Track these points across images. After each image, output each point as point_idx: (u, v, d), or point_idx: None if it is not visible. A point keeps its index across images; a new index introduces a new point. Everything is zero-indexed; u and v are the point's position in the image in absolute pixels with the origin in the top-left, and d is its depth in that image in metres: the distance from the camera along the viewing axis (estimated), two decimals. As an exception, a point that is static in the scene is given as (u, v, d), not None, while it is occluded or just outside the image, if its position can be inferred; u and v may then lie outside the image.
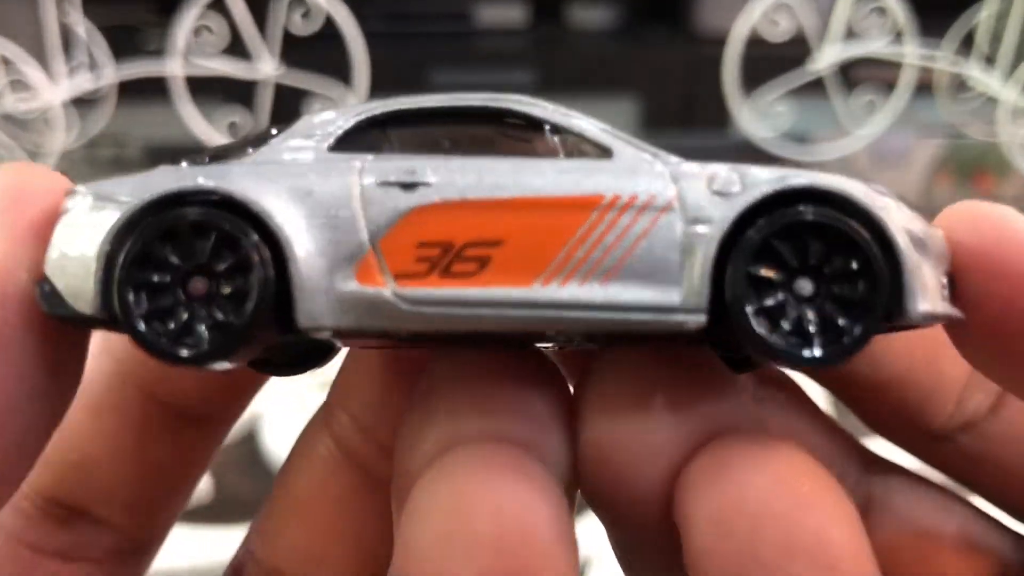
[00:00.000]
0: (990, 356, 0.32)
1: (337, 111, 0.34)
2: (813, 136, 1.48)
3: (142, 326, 0.30)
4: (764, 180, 0.30)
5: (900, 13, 1.36)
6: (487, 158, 0.32)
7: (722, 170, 0.31)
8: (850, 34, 1.38)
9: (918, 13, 1.37)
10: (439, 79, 1.73)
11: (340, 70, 1.31)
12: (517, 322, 0.30)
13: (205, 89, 1.32)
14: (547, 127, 0.33)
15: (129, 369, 0.38)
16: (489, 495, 0.28)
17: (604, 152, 0.33)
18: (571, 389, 0.34)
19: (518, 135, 0.34)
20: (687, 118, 1.78)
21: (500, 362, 0.33)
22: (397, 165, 0.31)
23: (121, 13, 1.50)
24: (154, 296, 0.30)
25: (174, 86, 1.31)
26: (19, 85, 1.31)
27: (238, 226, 0.30)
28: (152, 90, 1.30)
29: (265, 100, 1.33)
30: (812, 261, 0.30)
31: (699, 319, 0.30)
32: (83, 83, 1.34)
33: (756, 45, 1.36)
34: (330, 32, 1.29)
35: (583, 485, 0.33)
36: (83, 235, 0.31)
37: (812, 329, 0.30)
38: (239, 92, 1.33)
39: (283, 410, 1.12)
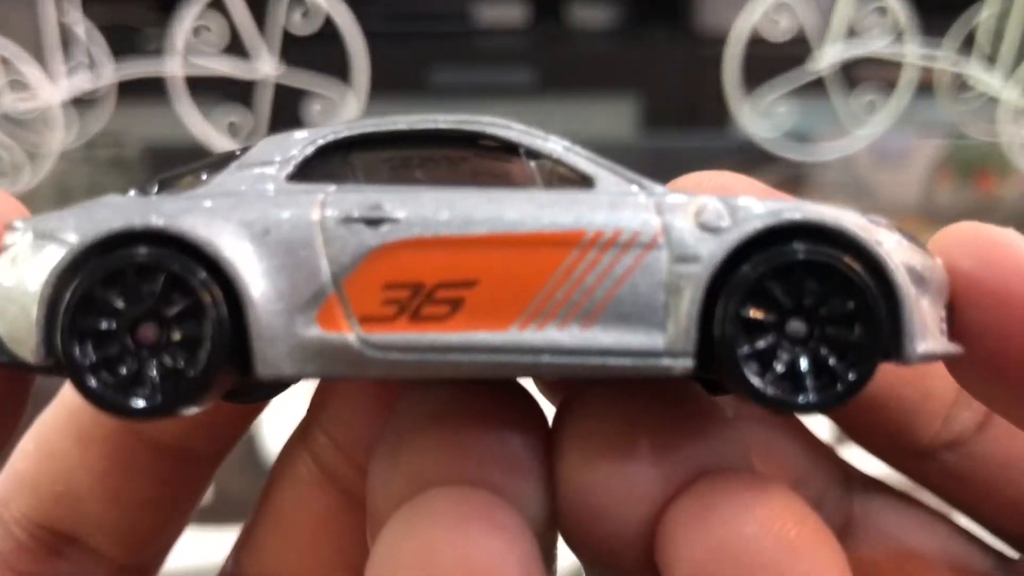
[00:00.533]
0: (991, 386, 0.32)
1: (298, 134, 0.32)
2: (814, 136, 1.48)
3: (90, 378, 0.28)
4: (755, 215, 0.29)
5: (901, 12, 1.36)
6: (459, 189, 0.30)
7: (710, 202, 0.29)
8: (851, 33, 1.38)
9: (919, 12, 1.36)
10: (439, 79, 1.73)
11: (340, 70, 1.31)
12: (492, 369, 0.29)
13: (204, 89, 1.32)
14: (522, 151, 0.31)
15: None
16: (456, 544, 0.27)
17: (585, 181, 0.31)
18: (549, 422, 0.32)
19: (492, 160, 0.32)
20: (687, 118, 1.77)
21: (474, 396, 0.32)
22: (362, 198, 0.29)
23: (120, 13, 1.50)
24: (101, 344, 0.28)
25: (173, 86, 1.30)
26: (18, 85, 1.30)
27: (188, 267, 0.28)
28: (151, 90, 1.29)
29: (264, 100, 1.32)
30: (806, 302, 0.28)
31: (686, 363, 0.28)
32: (82, 83, 1.34)
33: (757, 44, 1.35)
34: (330, 32, 1.29)
35: (562, 527, 0.31)
36: (22, 277, 0.29)
37: (805, 373, 0.28)
38: (238, 92, 1.32)
39: (281, 409, 1.13)
